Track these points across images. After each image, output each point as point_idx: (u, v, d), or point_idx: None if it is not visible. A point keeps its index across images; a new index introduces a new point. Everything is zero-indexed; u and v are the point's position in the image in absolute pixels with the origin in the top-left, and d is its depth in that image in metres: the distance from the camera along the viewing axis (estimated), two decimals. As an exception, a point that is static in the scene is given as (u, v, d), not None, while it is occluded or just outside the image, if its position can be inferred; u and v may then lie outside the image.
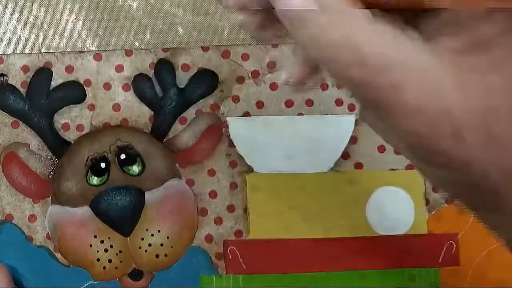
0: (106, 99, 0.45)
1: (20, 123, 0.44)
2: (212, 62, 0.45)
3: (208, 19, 0.45)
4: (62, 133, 0.44)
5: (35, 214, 0.44)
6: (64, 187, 0.44)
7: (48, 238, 0.44)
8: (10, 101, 0.44)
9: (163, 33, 0.45)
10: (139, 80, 0.45)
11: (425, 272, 0.44)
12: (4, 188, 0.44)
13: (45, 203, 0.44)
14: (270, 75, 0.45)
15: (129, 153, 0.44)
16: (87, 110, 0.45)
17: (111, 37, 0.45)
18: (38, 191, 0.44)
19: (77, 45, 0.45)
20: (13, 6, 0.45)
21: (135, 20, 0.45)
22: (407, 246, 0.44)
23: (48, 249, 0.44)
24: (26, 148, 0.44)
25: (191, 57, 0.45)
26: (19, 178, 0.44)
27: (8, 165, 0.44)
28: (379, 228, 0.44)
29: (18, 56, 0.45)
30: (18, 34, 0.45)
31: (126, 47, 0.45)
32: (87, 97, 0.45)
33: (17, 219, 0.44)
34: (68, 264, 0.44)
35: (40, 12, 0.45)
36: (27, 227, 0.44)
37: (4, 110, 0.44)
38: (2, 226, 0.44)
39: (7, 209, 0.44)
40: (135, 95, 0.45)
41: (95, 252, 0.44)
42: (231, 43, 0.45)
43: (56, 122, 0.44)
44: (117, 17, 0.45)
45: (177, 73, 0.45)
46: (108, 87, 0.45)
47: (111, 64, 0.45)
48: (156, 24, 0.45)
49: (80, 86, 0.45)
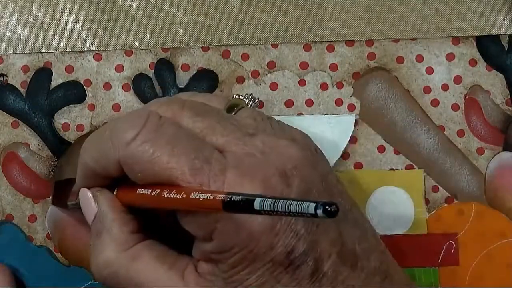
0: (106, 99, 0.45)
1: (20, 123, 0.44)
2: (212, 62, 0.45)
3: (208, 19, 0.45)
4: (62, 133, 0.44)
5: (35, 214, 0.44)
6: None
7: (48, 238, 0.44)
8: (10, 101, 0.44)
9: (163, 33, 0.45)
10: (139, 80, 0.45)
11: (424, 272, 0.44)
12: (4, 188, 0.44)
13: (45, 203, 0.44)
14: (270, 75, 0.45)
15: (129, 153, 0.44)
16: (87, 110, 0.45)
17: (111, 37, 0.45)
18: (38, 191, 0.44)
19: (77, 45, 0.45)
20: (13, 6, 0.45)
21: (135, 20, 0.45)
22: (406, 246, 0.44)
23: (48, 249, 0.44)
24: (26, 148, 0.44)
25: (191, 57, 0.45)
26: (19, 178, 0.44)
27: (8, 165, 0.44)
28: (378, 228, 0.44)
29: (18, 56, 0.45)
30: (18, 34, 0.45)
31: (126, 47, 0.45)
32: (87, 97, 0.45)
33: (17, 219, 0.44)
34: (69, 264, 0.44)
35: (40, 12, 0.45)
36: (27, 227, 0.44)
37: (4, 110, 0.44)
38: (2, 226, 0.44)
39: (7, 209, 0.44)
40: (135, 95, 0.45)
41: (95, 252, 0.44)
42: (231, 43, 0.45)
43: (56, 122, 0.44)
44: (117, 17, 0.45)
45: (177, 73, 0.45)
46: (108, 87, 0.45)
47: (111, 64, 0.45)
48: (156, 24, 0.45)
49: (80, 86, 0.45)
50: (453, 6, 0.45)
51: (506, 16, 0.45)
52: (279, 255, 0.32)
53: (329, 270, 0.33)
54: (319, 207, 0.26)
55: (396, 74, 0.45)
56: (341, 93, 0.45)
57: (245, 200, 0.29)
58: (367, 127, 0.45)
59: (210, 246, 0.33)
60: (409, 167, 0.45)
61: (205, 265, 0.34)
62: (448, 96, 0.45)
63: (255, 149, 0.34)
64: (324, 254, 0.33)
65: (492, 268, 0.44)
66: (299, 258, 0.32)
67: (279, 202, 0.28)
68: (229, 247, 0.32)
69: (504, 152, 0.45)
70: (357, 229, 0.35)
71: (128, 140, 0.34)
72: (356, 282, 0.34)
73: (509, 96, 0.45)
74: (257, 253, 0.32)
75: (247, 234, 0.32)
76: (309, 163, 0.35)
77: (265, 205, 0.28)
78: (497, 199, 0.45)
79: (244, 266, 0.32)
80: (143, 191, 0.35)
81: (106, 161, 0.36)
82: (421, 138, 0.45)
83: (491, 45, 0.45)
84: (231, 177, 0.32)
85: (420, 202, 0.45)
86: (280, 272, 0.32)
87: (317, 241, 0.33)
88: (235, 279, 0.33)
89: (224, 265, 0.33)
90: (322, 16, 0.45)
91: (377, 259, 0.35)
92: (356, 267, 0.34)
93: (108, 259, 0.36)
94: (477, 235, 0.44)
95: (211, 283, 0.34)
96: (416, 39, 0.45)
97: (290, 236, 0.32)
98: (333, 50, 0.45)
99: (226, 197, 0.30)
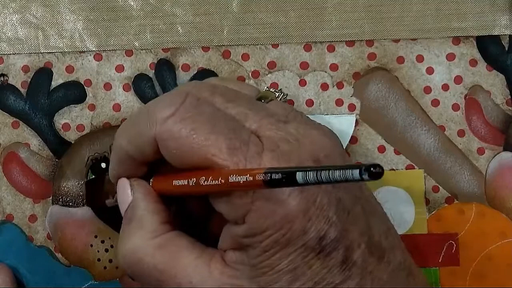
0: (107, 99, 0.45)
1: (21, 123, 0.44)
2: (213, 62, 0.45)
3: (208, 19, 0.45)
4: (63, 133, 0.44)
5: (35, 214, 0.44)
6: (64, 187, 0.44)
7: (48, 238, 0.44)
8: (10, 101, 0.44)
9: (163, 33, 0.45)
10: (139, 80, 0.45)
11: (425, 272, 0.44)
12: (5, 188, 0.44)
13: (46, 203, 0.44)
14: (271, 75, 0.45)
15: (129, 153, 0.44)
16: (88, 110, 0.45)
17: (111, 37, 0.45)
18: (38, 191, 0.44)
19: (77, 45, 0.45)
20: (13, 6, 0.45)
21: (135, 20, 0.45)
22: (407, 246, 0.44)
23: (48, 249, 0.44)
24: (26, 148, 0.44)
25: (192, 57, 0.45)
26: (20, 178, 0.44)
27: (8, 165, 0.44)
28: (379, 228, 0.44)
29: (18, 56, 0.45)
30: (18, 34, 0.45)
31: (126, 47, 0.45)
32: (87, 97, 0.45)
33: (17, 219, 0.44)
34: (69, 264, 0.44)
35: (40, 12, 0.45)
36: (27, 227, 0.44)
37: (4, 110, 0.44)
38: (3, 226, 0.44)
39: (7, 209, 0.44)
40: (135, 95, 0.45)
41: (96, 252, 0.44)
42: (231, 43, 0.45)
43: (56, 122, 0.44)
44: (117, 17, 0.45)
45: (178, 73, 0.45)
46: (108, 87, 0.45)
47: (112, 64, 0.45)
48: (156, 24, 0.45)
49: (81, 86, 0.45)
50: (453, 6, 0.45)
51: (506, 16, 0.45)
52: (311, 240, 0.32)
53: (359, 260, 0.33)
54: (364, 172, 0.26)
55: (396, 74, 0.45)
56: (341, 93, 0.45)
57: (286, 175, 0.29)
58: (367, 127, 0.45)
59: (242, 229, 0.33)
60: (409, 167, 0.45)
61: (232, 254, 0.34)
62: (448, 96, 0.45)
63: (289, 135, 0.34)
64: (354, 243, 0.33)
65: (492, 268, 0.44)
66: (330, 245, 0.32)
67: (321, 172, 0.27)
68: (262, 229, 0.32)
69: (504, 152, 0.45)
70: (383, 224, 0.35)
71: (165, 116, 0.34)
72: (383, 275, 0.33)
73: (510, 96, 0.45)
74: (290, 237, 0.32)
75: (282, 216, 0.32)
76: (340, 154, 0.35)
77: (308, 177, 0.28)
78: (497, 199, 0.45)
79: (276, 250, 0.32)
80: (179, 182, 0.34)
81: (142, 140, 0.35)
82: (422, 138, 0.45)
83: (491, 45, 0.45)
84: (267, 160, 0.32)
85: (421, 202, 0.45)
86: (311, 258, 0.32)
87: (348, 230, 0.33)
88: (266, 264, 0.33)
89: (255, 250, 0.33)
90: (322, 16, 0.45)
91: (401, 255, 0.35)
92: (383, 260, 0.34)
93: (135, 245, 0.36)
94: (478, 235, 0.44)
95: (238, 272, 0.33)
96: (416, 39, 0.45)
97: (323, 221, 0.32)
98: (334, 50, 0.45)
99: (266, 177, 0.29)
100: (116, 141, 0.37)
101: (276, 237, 0.32)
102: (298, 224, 0.32)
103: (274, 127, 0.34)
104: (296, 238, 0.32)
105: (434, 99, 0.45)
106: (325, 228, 0.32)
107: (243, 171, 0.31)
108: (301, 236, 0.32)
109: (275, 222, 0.32)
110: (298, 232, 0.32)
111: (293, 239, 0.32)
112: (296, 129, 0.35)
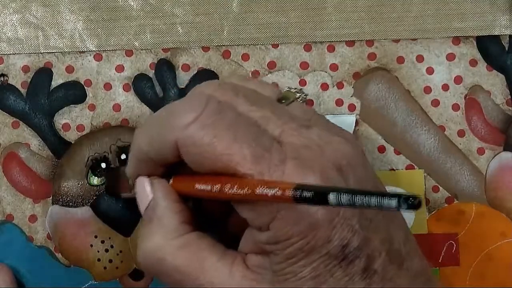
0: (107, 99, 0.45)
1: (21, 123, 0.44)
2: (213, 62, 0.45)
3: (208, 19, 0.45)
4: (63, 133, 0.44)
5: (35, 214, 0.44)
6: (64, 187, 0.44)
7: (48, 238, 0.44)
8: (10, 101, 0.44)
9: (163, 33, 0.45)
10: (139, 80, 0.45)
11: (425, 272, 0.44)
12: (5, 188, 0.44)
13: (46, 203, 0.44)
14: (271, 75, 0.45)
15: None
16: (88, 110, 0.45)
17: (111, 37, 0.45)
18: (38, 191, 0.44)
19: (77, 45, 0.45)
20: (13, 6, 0.45)
21: (135, 20, 0.45)
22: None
23: (48, 249, 0.44)
24: (26, 148, 0.44)
25: (192, 57, 0.45)
26: (20, 178, 0.44)
27: (8, 165, 0.44)
28: (379, 228, 0.44)
29: (18, 56, 0.45)
30: (18, 34, 0.45)
31: (126, 47, 0.45)
32: (87, 97, 0.45)
33: (17, 219, 0.44)
34: (69, 264, 0.44)
35: (40, 12, 0.45)
36: (27, 227, 0.44)
37: (4, 110, 0.44)
38: (3, 226, 0.44)
39: (7, 209, 0.44)
40: (135, 95, 0.45)
41: (96, 252, 0.44)
42: (231, 43, 0.45)
43: (56, 122, 0.44)
44: (117, 17, 0.45)
45: (178, 73, 0.45)
46: (108, 87, 0.45)
47: (112, 64, 0.45)
48: (156, 24, 0.45)
49: (81, 86, 0.45)
50: (453, 6, 0.45)
51: (506, 16, 0.45)
52: (334, 248, 0.32)
53: (379, 268, 0.33)
54: (403, 202, 0.26)
55: (396, 74, 0.45)
56: (341, 93, 0.45)
57: (317, 194, 0.28)
58: (367, 127, 0.45)
59: (266, 236, 0.33)
60: (409, 167, 0.45)
61: (254, 258, 0.34)
62: (448, 96, 0.45)
63: (311, 142, 0.34)
64: (375, 252, 0.33)
65: (493, 268, 0.44)
66: (353, 253, 0.32)
67: (356, 196, 0.27)
68: (286, 237, 0.32)
69: (504, 152, 0.45)
70: (402, 231, 0.35)
71: (187, 122, 0.33)
72: (403, 282, 0.33)
73: (510, 96, 0.45)
74: (314, 245, 0.32)
75: (307, 225, 0.32)
76: (361, 162, 0.35)
77: (341, 199, 0.27)
78: (497, 199, 0.45)
79: (299, 258, 0.32)
80: (201, 187, 0.34)
81: (161, 143, 0.35)
82: (422, 138, 0.45)
83: (491, 45, 0.45)
84: (291, 168, 0.32)
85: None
86: (334, 266, 0.32)
87: (370, 238, 0.33)
88: (288, 270, 0.32)
89: (278, 256, 0.32)
90: (322, 16, 0.45)
91: (419, 261, 0.35)
92: (402, 267, 0.34)
93: (156, 245, 0.35)
94: (478, 235, 0.44)
95: (259, 276, 0.33)
96: (416, 39, 0.45)
97: (346, 230, 0.32)
98: (334, 50, 0.45)
99: (296, 193, 0.29)
100: (135, 142, 0.37)
101: (300, 245, 0.32)
102: (322, 232, 0.32)
103: (297, 132, 0.34)
104: (320, 246, 0.32)
105: (434, 99, 0.45)
106: (348, 236, 0.32)
107: (272, 184, 0.31)
108: (325, 244, 0.32)
109: (300, 231, 0.32)
110: (322, 240, 0.32)
111: (317, 247, 0.32)
112: (318, 135, 0.34)
